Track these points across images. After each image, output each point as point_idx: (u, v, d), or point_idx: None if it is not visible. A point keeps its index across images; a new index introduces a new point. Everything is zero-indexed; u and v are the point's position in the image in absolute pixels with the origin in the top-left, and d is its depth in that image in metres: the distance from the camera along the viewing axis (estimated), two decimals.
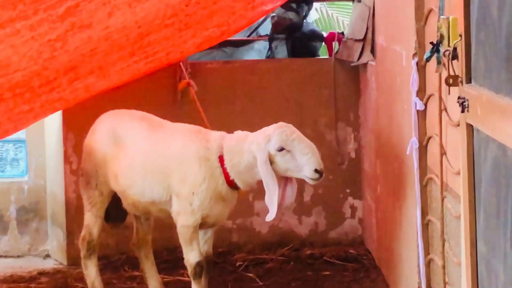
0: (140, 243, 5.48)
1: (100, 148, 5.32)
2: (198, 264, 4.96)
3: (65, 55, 4.77)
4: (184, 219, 4.95)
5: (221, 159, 4.88)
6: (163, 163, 5.09)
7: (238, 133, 4.96)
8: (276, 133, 4.73)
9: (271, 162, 4.74)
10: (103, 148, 5.31)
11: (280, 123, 4.82)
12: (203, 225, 5.05)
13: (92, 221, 5.31)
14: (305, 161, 4.67)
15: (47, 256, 6.57)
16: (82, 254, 5.32)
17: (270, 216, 4.73)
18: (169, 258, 6.05)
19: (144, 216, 5.41)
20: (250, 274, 5.90)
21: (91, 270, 5.30)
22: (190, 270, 4.99)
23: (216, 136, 5.00)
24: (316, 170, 4.62)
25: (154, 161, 5.14)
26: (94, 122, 5.49)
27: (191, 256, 4.96)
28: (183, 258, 5.14)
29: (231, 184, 4.93)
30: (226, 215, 5.08)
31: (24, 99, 4.95)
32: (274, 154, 4.73)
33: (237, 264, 6.15)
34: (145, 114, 5.39)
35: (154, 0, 4.89)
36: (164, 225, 5.60)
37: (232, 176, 4.87)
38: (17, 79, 4.80)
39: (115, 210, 5.44)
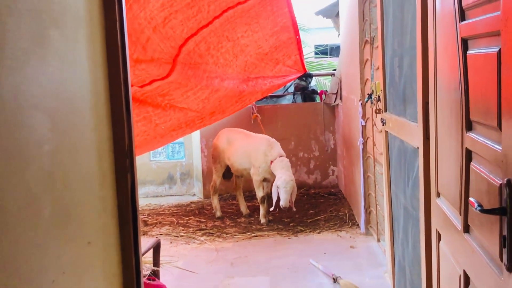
0: (237, 188, 6.50)
1: (221, 145, 6.30)
2: (263, 197, 6.05)
3: (208, 106, 5.77)
4: (256, 177, 6.03)
5: (271, 162, 5.91)
6: (249, 152, 6.08)
7: (283, 161, 5.88)
8: (281, 181, 5.65)
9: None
10: (222, 145, 6.29)
11: (290, 178, 5.71)
12: (264, 181, 6.10)
13: (216, 178, 6.37)
14: (282, 198, 5.62)
15: (194, 195, 7.55)
16: (211, 193, 6.44)
17: (271, 208, 5.83)
18: (249, 195, 6.92)
19: (240, 175, 6.40)
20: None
21: (215, 200, 6.37)
22: (259, 200, 6.12)
23: (276, 151, 5.93)
24: (282, 205, 5.64)
25: (245, 151, 6.11)
26: (216, 134, 6.67)
27: (259, 193, 6.07)
28: (255, 195, 6.37)
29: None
30: (273, 179, 5.93)
31: (189, 127, 5.93)
32: (276, 184, 5.67)
33: None
34: (241, 129, 6.49)
35: (236, 66, 5.72)
36: (247, 181, 6.54)
37: (272, 170, 5.89)
38: (189, 119, 5.79)
39: (226, 173, 6.51)
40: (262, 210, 6.07)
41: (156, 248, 3.19)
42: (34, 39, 1.56)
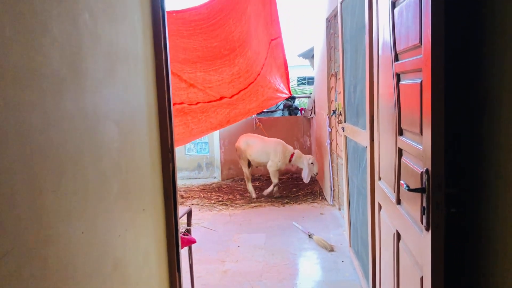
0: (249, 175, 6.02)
1: (242, 147, 5.95)
2: (277, 183, 5.86)
3: (227, 117, 5.52)
4: (273, 168, 5.78)
5: (291, 155, 5.72)
6: (268, 151, 5.82)
7: (298, 151, 5.79)
8: (312, 159, 5.62)
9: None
10: (243, 147, 5.95)
11: (312, 156, 5.68)
12: (279, 171, 5.90)
13: (245, 170, 5.95)
14: (314, 169, 5.61)
15: (215, 178, 7.28)
16: (246, 182, 6.02)
17: (306, 181, 5.66)
18: (253, 178, 6.67)
19: (256, 166, 6.06)
20: (281, 185, 6.35)
21: (249, 186, 5.97)
22: (274, 184, 5.80)
23: (290, 148, 5.80)
24: (316, 173, 5.67)
25: (264, 150, 5.84)
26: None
27: (275, 180, 5.81)
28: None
29: (290, 162, 5.79)
30: (284, 168, 5.95)
31: (212, 129, 5.54)
32: (309, 163, 5.61)
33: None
34: (255, 135, 6.14)
35: (256, 102, 5.64)
36: (256, 169, 6.50)
37: (292, 161, 5.74)
38: (213, 124, 5.46)
39: (249, 165, 5.93)
40: (276, 189, 5.82)
41: (189, 214, 3.16)
42: (106, 71, 1.57)
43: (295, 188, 6.28)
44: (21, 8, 1.08)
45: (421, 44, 1.47)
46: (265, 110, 6.79)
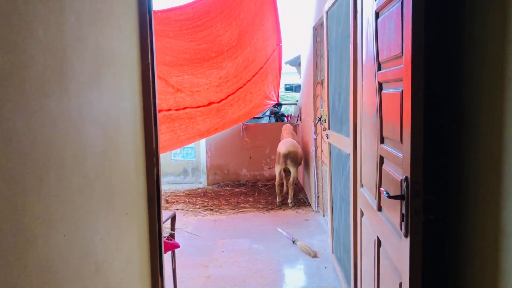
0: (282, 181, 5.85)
1: (298, 150, 5.61)
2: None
3: (215, 125, 5.55)
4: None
5: None
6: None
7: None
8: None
9: None
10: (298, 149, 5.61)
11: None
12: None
13: (278, 174, 5.62)
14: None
15: (200, 183, 7.01)
16: (276, 183, 5.69)
17: None
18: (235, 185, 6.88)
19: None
20: (266, 191, 6.45)
21: (277, 189, 5.72)
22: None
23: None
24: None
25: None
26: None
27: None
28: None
29: None
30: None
31: (200, 136, 5.59)
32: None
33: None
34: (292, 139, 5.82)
35: (245, 108, 5.63)
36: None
37: None
38: (201, 132, 5.42)
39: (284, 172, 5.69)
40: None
41: (173, 218, 3.13)
42: (92, 74, 1.57)
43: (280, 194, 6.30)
44: (6, 10, 1.07)
45: (402, 54, 1.49)
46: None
